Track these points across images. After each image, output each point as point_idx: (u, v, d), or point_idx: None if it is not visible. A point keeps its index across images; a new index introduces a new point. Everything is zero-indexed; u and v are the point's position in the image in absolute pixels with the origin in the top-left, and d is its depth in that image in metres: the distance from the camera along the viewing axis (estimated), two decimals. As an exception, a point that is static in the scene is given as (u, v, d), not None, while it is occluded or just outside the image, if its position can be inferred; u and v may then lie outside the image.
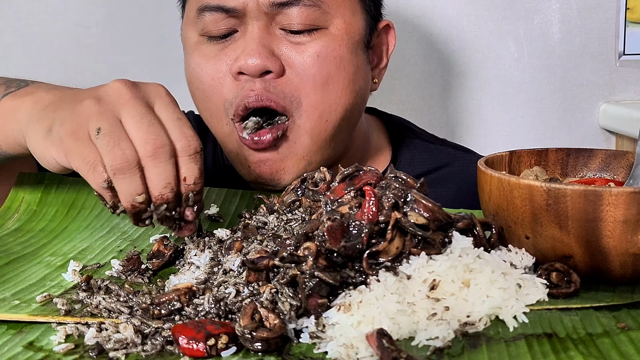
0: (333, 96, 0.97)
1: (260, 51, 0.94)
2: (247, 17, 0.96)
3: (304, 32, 0.96)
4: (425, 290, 0.62)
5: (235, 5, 0.95)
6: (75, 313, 0.66)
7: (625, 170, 0.82)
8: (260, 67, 0.94)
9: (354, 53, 1.00)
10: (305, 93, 0.96)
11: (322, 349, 0.58)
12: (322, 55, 0.96)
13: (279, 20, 0.96)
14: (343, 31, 0.98)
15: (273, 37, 0.96)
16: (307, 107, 0.96)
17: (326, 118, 0.98)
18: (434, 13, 1.58)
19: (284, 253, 0.64)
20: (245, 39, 0.96)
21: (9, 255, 0.81)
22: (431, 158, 1.17)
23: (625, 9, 1.59)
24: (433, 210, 0.66)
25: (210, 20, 0.97)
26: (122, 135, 0.69)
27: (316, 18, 0.96)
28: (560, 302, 0.65)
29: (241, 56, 0.95)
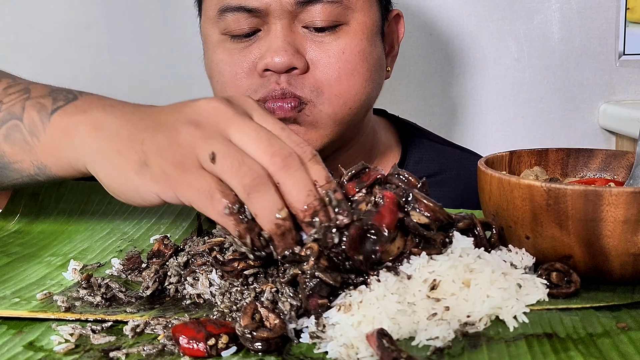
0: (358, 86, 1.00)
1: (286, 49, 0.96)
2: (270, 17, 0.97)
3: (326, 29, 0.98)
4: (425, 290, 0.62)
5: (257, 5, 0.96)
6: (76, 310, 0.66)
7: (625, 170, 0.82)
8: (286, 65, 0.96)
9: (373, 44, 1.02)
10: (329, 85, 0.98)
11: (322, 349, 0.58)
12: (346, 51, 0.99)
13: (301, 18, 0.97)
14: (363, 25, 1.00)
15: (297, 36, 0.98)
16: (330, 96, 0.99)
17: (350, 106, 1.00)
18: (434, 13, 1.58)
19: (286, 252, 0.64)
20: (269, 37, 0.98)
21: (9, 255, 0.81)
22: (439, 159, 1.19)
23: (625, 9, 1.59)
24: (434, 210, 0.66)
25: (232, 20, 0.98)
26: (241, 153, 0.62)
27: (338, 14, 0.98)
28: (560, 302, 0.66)
29: (267, 54, 0.96)
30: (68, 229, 0.89)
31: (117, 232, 0.88)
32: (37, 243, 0.85)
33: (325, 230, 0.61)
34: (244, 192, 0.61)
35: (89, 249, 0.83)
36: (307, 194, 0.62)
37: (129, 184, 0.66)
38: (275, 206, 0.61)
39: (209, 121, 0.64)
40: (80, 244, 0.85)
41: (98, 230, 0.89)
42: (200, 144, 0.63)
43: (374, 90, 1.04)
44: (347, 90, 0.99)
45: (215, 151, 0.62)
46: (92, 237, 0.87)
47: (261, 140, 0.63)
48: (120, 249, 0.83)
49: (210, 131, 0.63)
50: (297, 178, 0.62)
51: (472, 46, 1.59)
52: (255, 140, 0.63)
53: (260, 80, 0.98)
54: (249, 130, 0.63)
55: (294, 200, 0.61)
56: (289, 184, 0.62)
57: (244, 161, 0.61)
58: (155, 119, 0.67)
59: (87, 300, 0.68)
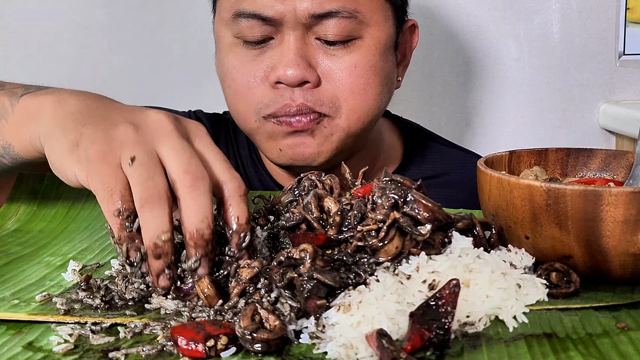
0: (371, 101, 1.01)
1: (299, 62, 0.96)
2: (284, 27, 0.97)
3: (339, 43, 0.98)
4: (425, 291, 0.62)
5: (272, 14, 0.96)
6: (75, 312, 0.66)
7: (625, 170, 0.82)
8: (299, 78, 0.96)
9: (386, 59, 1.03)
10: (344, 99, 0.99)
11: (322, 350, 0.58)
12: (358, 66, 0.99)
13: (315, 30, 0.97)
14: (377, 40, 1.00)
15: (309, 47, 0.98)
16: (346, 111, 1.00)
17: (363, 120, 1.01)
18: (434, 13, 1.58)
19: (281, 257, 0.64)
20: (282, 48, 0.98)
21: (9, 255, 0.81)
22: (442, 160, 1.20)
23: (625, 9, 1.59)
24: (433, 210, 0.66)
25: (246, 26, 0.98)
26: (157, 169, 0.64)
27: (352, 29, 0.98)
28: (560, 302, 0.65)
29: (279, 66, 0.96)
30: (68, 229, 0.89)
31: (116, 233, 0.88)
32: (36, 242, 0.85)
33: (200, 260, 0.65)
34: (139, 203, 0.63)
35: (88, 249, 0.83)
36: (202, 219, 0.63)
37: (61, 160, 0.69)
38: (161, 227, 0.62)
39: (148, 129, 0.67)
40: (79, 243, 0.85)
41: (98, 230, 0.89)
42: (129, 145, 0.65)
43: (384, 103, 1.05)
44: (360, 106, 1.00)
45: (137, 157, 0.64)
46: (92, 237, 0.87)
47: (182, 158, 0.65)
48: (119, 249, 0.83)
49: (144, 138, 0.66)
50: (199, 201, 0.63)
51: (472, 46, 1.59)
52: (178, 156, 0.65)
53: (272, 92, 0.98)
54: (178, 147, 0.65)
55: (187, 220, 0.63)
56: (188, 203, 0.63)
57: (153, 176, 0.63)
58: (109, 113, 0.70)
59: (87, 302, 0.68)
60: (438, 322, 0.57)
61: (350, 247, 0.66)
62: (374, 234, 0.66)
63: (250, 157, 1.18)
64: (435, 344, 0.56)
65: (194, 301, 0.65)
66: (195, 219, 0.63)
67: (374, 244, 0.65)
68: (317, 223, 0.69)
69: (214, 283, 0.64)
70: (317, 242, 0.66)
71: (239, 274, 0.65)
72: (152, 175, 0.64)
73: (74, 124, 0.70)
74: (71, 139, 0.68)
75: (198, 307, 0.65)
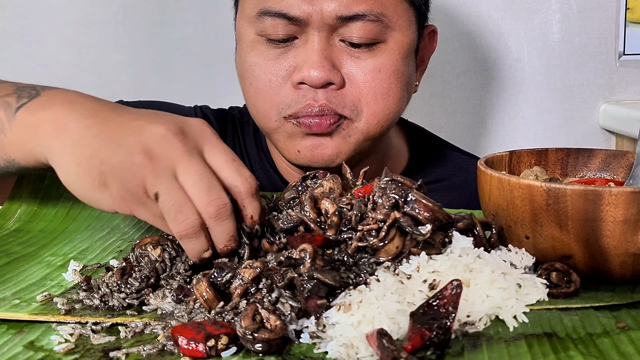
0: (392, 105, 1.01)
1: (323, 64, 0.96)
2: (310, 27, 0.96)
3: (363, 46, 0.98)
4: (425, 290, 0.62)
5: (299, 14, 0.95)
6: (76, 312, 0.66)
7: (625, 170, 0.83)
8: (323, 80, 0.96)
9: (407, 63, 1.03)
10: (366, 102, 0.99)
11: (322, 349, 0.58)
12: (382, 70, 0.99)
13: (340, 32, 0.97)
14: (400, 44, 1.00)
15: (334, 49, 0.98)
16: (367, 115, 0.99)
17: (382, 124, 1.02)
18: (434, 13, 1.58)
19: (282, 258, 0.64)
20: (306, 48, 0.97)
21: (9, 255, 0.81)
22: (446, 164, 1.20)
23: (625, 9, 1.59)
24: (433, 210, 0.66)
25: (270, 25, 0.97)
26: (182, 200, 0.68)
27: (377, 32, 0.97)
28: (560, 302, 0.66)
29: (303, 67, 0.96)
30: (68, 229, 0.89)
31: (117, 232, 0.88)
32: (37, 242, 0.85)
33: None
34: (177, 236, 0.70)
35: (89, 249, 0.83)
36: (229, 239, 0.71)
37: (88, 196, 0.72)
38: (201, 249, 0.70)
39: (161, 155, 0.69)
40: (80, 243, 0.85)
41: (98, 230, 0.89)
42: (149, 180, 0.69)
43: (403, 108, 1.06)
44: (382, 110, 1.00)
45: (159, 192, 0.68)
46: (92, 237, 0.87)
47: (202, 188, 0.69)
48: (120, 249, 0.83)
49: (160, 168, 0.69)
50: (224, 227, 0.70)
51: (472, 46, 1.59)
52: (197, 185, 0.69)
53: (294, 93, 0.98)
54: (193, 173, 0.69)
55: (217, 242, 0.71)
56: (216, 231, 0.70)
57: (181, 210, 0.68)
58: (114, 136, 0.71)
59: (87, 303, 0.68)
60: (438, 322, 0.57)
61: (351, 247, 0.66)
62: (374, 233, 0.66)
63: (258, 156, 1.18)
64: (436, 344, 0.56)
65: (190, 304, 0.66)
66: (224, 240, 0.70)
67: (374, 243, 0.65)
68: (315, 224, 0.69)
69: (213, 286, 0.65)
70: (315, 243, 0.66)
71: (241, 274, 0.65)
72: (179, 209, 0.68)
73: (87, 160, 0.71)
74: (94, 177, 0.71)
75: (196, 309, 0.65)
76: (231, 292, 0.65)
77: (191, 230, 0.69)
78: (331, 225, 0.68)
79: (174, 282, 0.70)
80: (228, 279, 0.65)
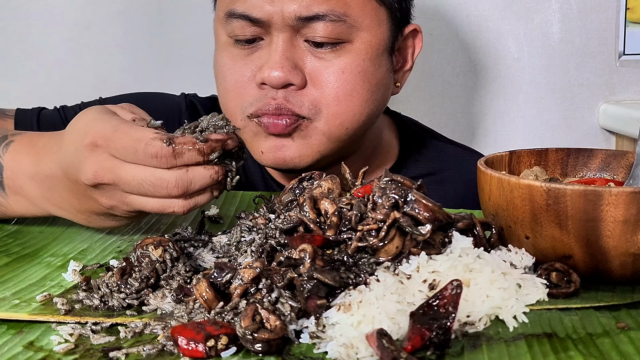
0: (356, 107, 1.00)
1: (284, 64, 0.96)
2: (272, 28, 0.97)
3: (327, 45, 0.97)
4: (425, 290, 0.62)
5: (260, 16, 0.96)
6: (75, 313, 0.66)
7: (625, 170, 0.82)
8: (282, 81, 0.96)
9: (378, 64, 1.01)
10: (327, 103, 0.98)
11: (322, 349, 0.58)
12: (346, 71, 0.98)
13: (303, 32, 0.97)
14: (368, 44, 0.99)
15: (297, 50, 0.98)
16: (327, 115, 0.99)
17: (347, 126, 1.00)
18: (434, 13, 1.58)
19: (281, 258, 0.64)
20: (270, 49, 0.98)
21: (9, 255, 0.81)
22: (439, 157, 1.19)
23: (625, 9, 1.59)
24: (433, 210, 0.66)
25: (237, 26, 0.99)
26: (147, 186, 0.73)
27: (341, 32, 0.97)
28: (560, 302, 0.66)
29: (265, 68, 0.97)
30: (68, 230, 0.89)
31: (117, 233, 0.88)
32: (36, 243, 0.85)
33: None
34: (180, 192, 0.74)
35: (88, 249, 0.83)
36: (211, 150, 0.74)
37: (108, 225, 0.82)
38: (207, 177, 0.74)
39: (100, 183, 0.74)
40: (80, 244, 0.85)
41: (98, 230, 0.89)
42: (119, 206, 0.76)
43: (375, 110, 1.04)
44: (344, 112, 0.99)
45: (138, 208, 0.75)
46: (92, 237, 0.87)
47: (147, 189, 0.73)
48: (120, 249, 0.83)
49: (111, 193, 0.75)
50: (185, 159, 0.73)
51: (472, 46, 1.59)
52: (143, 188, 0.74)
53: (258, 92, 0.99)
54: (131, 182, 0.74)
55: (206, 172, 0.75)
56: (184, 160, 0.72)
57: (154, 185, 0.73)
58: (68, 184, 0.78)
59: (87, 303, 0.68)
60: (438, 322, 0.57)
61: (351, 247, 0.66)
62: (374, 233, 0.66)
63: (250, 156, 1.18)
64: (436, 344, 0.56)
65: (190, 304, 0.66)
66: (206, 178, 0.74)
67: (374, 243, 0.65)
68: (314, 225, 0.69)
69: (213, 286, 0.65)
70: (314, 243, 0.66)
71: (240, 274, 0.65)
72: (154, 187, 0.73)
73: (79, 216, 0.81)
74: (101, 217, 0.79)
75: (196, 310, 0.65)
76: (231, 292, 0.64)
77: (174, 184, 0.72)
78: (331, 226, 0.68)
79: (173, 282, 0.70)
80: (228, 279, 0.65)
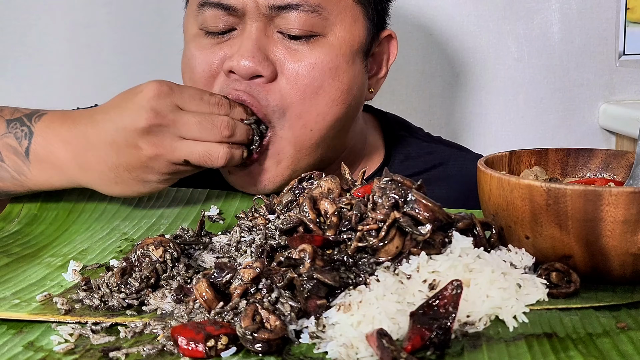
0: (322, 106, 0.96)
1: (255, 54, 0.93)
2: (246, 17, 0.95)
3: (301, 38, 0.95)
4: (425, 290, 0.62)
5: (234, 4, 0.94)
6: (75, 312, 0.66)
7: (625, 170, 0.83)
8: (251, 71, 0.93)
9: (351, 62, 0.98)
10: (291, 102, 0.95)
11: (322, 349, 0.58)
12: (318, 66, 0.95)
13: (277, 23, 0.95)
14: (342, 40, 0.96)
15: (270, 40, 0.95)
16: (290, 117, 0.95)
17: (311, 127, 0.96)
18: (434, 13, 1.58)
19: (281, 257, 0.64)
20: (242, 38, 0.95)
21: (10, 256, 0.81)
22: (425, 157, 1.15)
23: (625, 9, 1.59)
24: (433, 210, 0.66)
25: (210, 16, 0.96)
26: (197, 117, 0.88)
27: (315, 24, 0.94)
28: (560, 302, 0.66)
29: (235, 56, 0.94)
30: (68, 231, 0.89)
31: (117, 232, 0.88)
32: (37, 244, 0.85)
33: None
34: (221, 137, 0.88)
35: (89, 250, 0.83)
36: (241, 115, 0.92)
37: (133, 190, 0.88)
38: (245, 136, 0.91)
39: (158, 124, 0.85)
40: (80, 244, 0.85)
41: (98, 230, 0.89)
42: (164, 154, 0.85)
43: (345, 113, 0.99)
44: (307, 111, 0.95)
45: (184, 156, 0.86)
46: (92, 237, 0.87)
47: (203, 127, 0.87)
48: (120, 249, 0.83)
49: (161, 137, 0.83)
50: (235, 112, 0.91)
51: (472, 46, 1.59)
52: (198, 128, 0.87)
53: (226, 81, 0.96)
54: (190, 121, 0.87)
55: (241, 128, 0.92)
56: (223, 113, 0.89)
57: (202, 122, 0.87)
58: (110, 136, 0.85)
59: (87, 303, 0.68)
60: (438, 322, 0.57)
61: (351, 247, 0.66)
62: (374, 233, 0.66)
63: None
64: (436, 344, 0.56)
65: (190, 304, 0.66)
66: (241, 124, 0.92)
67: (374, 243, 0.65)
68: (314, 225, 0.69)
69: (213, 286, 0.64)
70: (314, 243, 0.66)
71: (240, 274, 0.65)
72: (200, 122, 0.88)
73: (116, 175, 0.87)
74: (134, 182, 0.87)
75: (196, 310, 0.65)
76: (231, 292, 0.64)
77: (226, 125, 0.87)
78: (330, 226, 0.68)
79: (174, 282, 0.70)
80: (228, 279, 0.65)
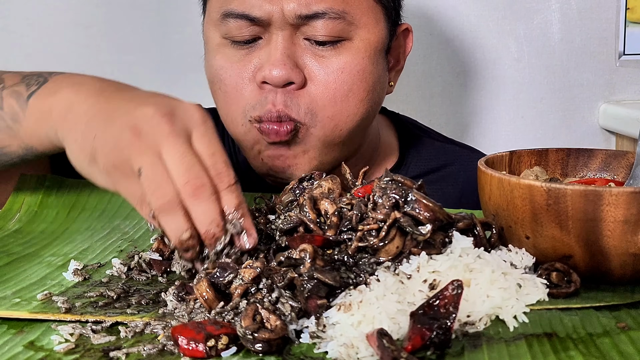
0: (351, 107, 0.99)
1: (285, 62, 0.95)
2: (272, 27, 0.96)
3: (328, 43, 0.97)
4: (425, 290, 0.62)
5: (260, 15, 0.95)
6: (76, 311, 0.66)
7: (625, 170, 0.83)
8: (284, 79, 0.95)
9: (375, 63, 1.01)
10: (323, 105, 0.97)
11: (323, 349, 0.58)
12: (346, 70, 0.97)
13: (303, 30, 0.96)
14: (367, 42, 0.99)
15: (297, 48, 0.97)
16: (322, 119, 0.98)
17: (341, 127, 1.00)
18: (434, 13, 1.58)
19: (281, 257, 0.64)
20: (269, 47, 0.97)
21: (10, 255, 0.81)
22: (438, 156, 1.18)
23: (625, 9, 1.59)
24: (434, 210, 0.66)
25: (235, 27, 0.97)
26: (163, 178, 0.69)
27: (341, 30, 0.96)
28: (560, 302, 0.66)
29: (266, 66, 0.96)
30: (69, 230, 0.89)
31: (117, 232, 0.88)
32: (37, 243, 0.85)
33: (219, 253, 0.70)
34: (156, 212, 0.69)
35: (89, 249, 0.83)
36: (210, 222, 0.69)
37: (84, 170, 0.76)
38: (180, 229, 0.69)
39: (148, 133, 0.71)
40: (80, 244, 0.85)
41: (98, 230, 0.89)
42: (134, 155, 0.70)
43: (370, 110, 1.03)
44: (339, 112, 0.98)
45: (142, 168, 0.69)
46: (92, 237, 0.87)
47: (181, 166, 0.70)
48: (120, 249, 0.83)
49: (145, 145, 0.70)
50: (202, 207, 0.69)
51: (472, 46, 1.59)
52: (177, 165, 0.70)
53: (259, 93, 0.97)
54: (176, 154, 0.70)
55: (198, 225, 0.70)
56: (195, 211, 0.69)
57: (161, 185, 0.69)
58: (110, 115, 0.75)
59: (87, 301, 0.68)
60: (439, 322, 0.57)
61: (351, 247, 0.66)
62: (374, 233, 0.66)
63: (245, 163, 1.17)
64: (436, 344, 0.56)
65: (191, 304, 0.66)
66: (204, 222, 0.69)
67: (374, 243, 0.66)
68: (315, 225, 0.69)
69: (213, 286, 0.65)
70: (315, 243, 0.66)
71: (241, 274, 0.65)
72: (158, 184, 0.69)
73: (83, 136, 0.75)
74: (87, 152, 0.74)
75: (196, 309, 0.65)
76: (231, 292, 0.65)
77: (167, 205, 0.68)
78: (331, 226, 0.68)
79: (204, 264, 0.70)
80: (230, 279, 0.65)
